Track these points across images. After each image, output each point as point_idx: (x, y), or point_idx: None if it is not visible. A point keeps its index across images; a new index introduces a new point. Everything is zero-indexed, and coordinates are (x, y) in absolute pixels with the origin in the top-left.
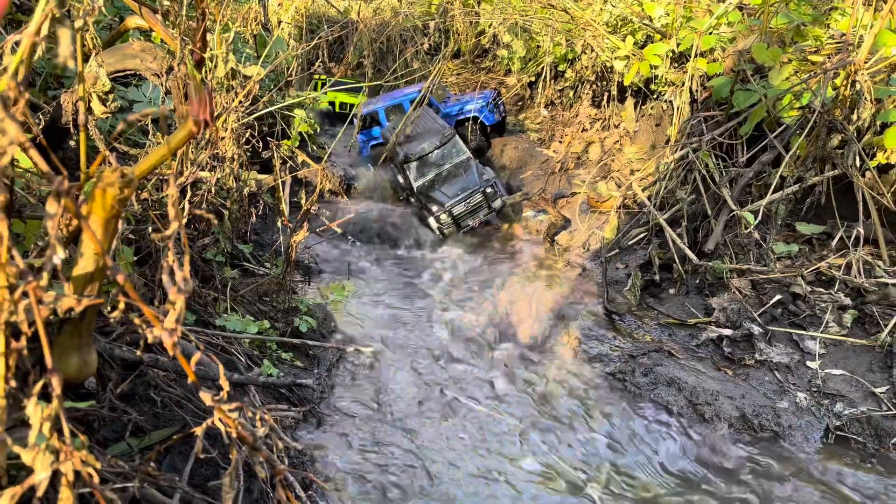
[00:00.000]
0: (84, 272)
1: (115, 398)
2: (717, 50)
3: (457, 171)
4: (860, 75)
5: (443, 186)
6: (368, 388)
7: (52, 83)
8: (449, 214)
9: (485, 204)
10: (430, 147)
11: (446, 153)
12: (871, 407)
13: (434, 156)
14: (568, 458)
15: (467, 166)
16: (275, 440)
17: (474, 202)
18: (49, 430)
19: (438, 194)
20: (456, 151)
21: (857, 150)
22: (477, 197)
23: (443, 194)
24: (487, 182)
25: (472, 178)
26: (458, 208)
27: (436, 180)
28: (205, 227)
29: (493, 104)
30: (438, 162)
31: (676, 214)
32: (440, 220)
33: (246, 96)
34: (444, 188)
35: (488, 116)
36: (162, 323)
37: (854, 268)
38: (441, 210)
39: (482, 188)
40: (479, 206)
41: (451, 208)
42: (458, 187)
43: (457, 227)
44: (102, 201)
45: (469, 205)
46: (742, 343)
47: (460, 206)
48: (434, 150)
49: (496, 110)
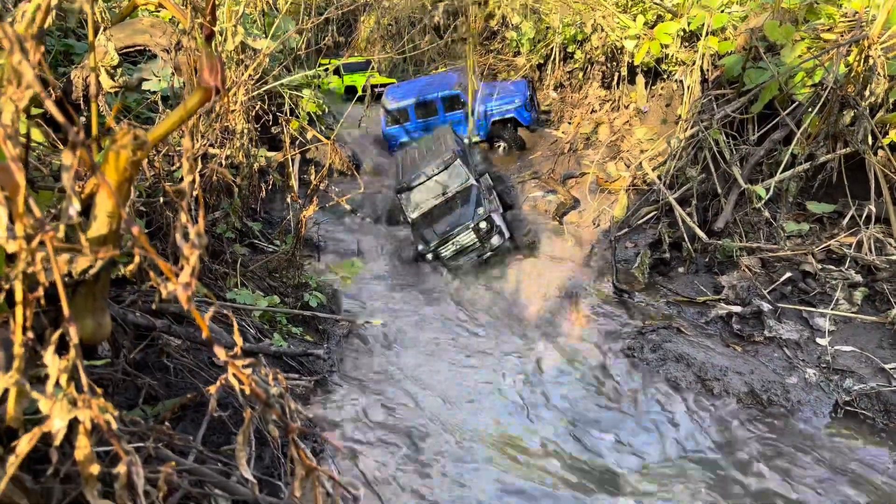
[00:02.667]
0: (98, 234)
1: (129, 365)
2: (728, 28)
3: (454, 201)
4: (873, 50)
5: (437, 220)
6: (377, 361)
7: (62, 61)
8: (434, 255)
9: (477, 243)
10: (428, 174)
11: (445, 180)
12: (881, 382)
13: (432, 184)
14: (577, 432)
15: (466, 196)
16: (287, 401)
17: (465, 241)
18: (66, 380)
19: (427, 230)
20: (456, 178)
21: (871, 127)
22: (466, 235)
23: (431, 230)
24: (481, 216)
25: (465, 211)
26: (446, 249)
27: (431, 212)
28: (215, 202)
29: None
30: (436, 191)
31: (686, 193)
32: (426, 259)
33: (255, 69)
34: (437, 223)
35: (526, 116)
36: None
37: (865, 245)
38: (427, 249)
39: (474, 223)
40: (471, 246)
41: (435, 248)
42: (448, 223)
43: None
44: (116, 164)
45: (457, 244)
46: (751, 320)
47: (448, 245)
48: (431, 177)
49: (532, 108)
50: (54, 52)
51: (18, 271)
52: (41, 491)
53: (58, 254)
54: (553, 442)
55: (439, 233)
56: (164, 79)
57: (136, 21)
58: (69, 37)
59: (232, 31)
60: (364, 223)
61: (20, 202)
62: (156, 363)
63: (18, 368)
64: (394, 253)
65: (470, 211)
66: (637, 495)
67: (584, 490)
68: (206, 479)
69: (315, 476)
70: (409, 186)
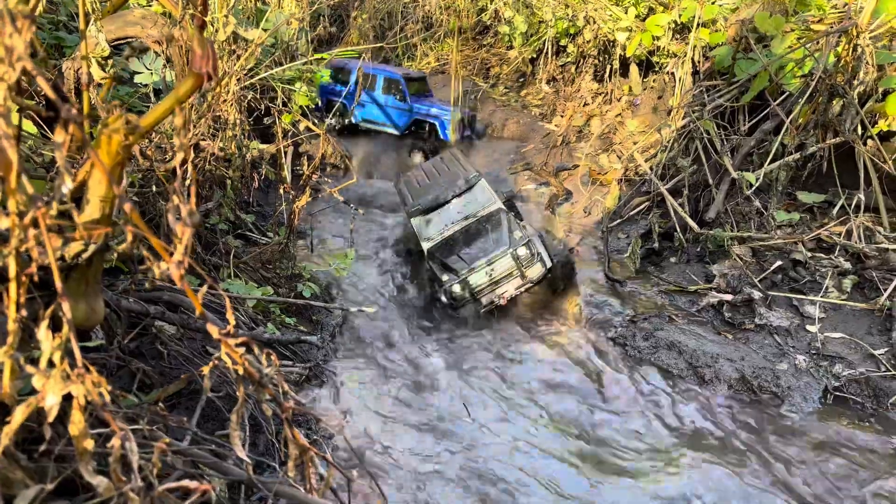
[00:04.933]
0: (90, 218)
1: (123, 351)
2: (719, 20)
3: (482, 227)
4: (861, 39)
5: (462, 248)
6: (371, 350)
7: (53, 54)
8: (464, 286)
9: (517, 272)
10: (447, 196)
11: (468, 203)
12: (870, 368)
13: (452, 207)
14: (570, 420)
15: (495, 221)
16: (280, 381)
17: (502, 269)
18: (60, 357)
19: (452, 258)
20: (482, 201)
21: (860, 117)
22: (505, 262)
23: (459, 259)
24: (521, 241)
25: (500, 236)
26: (478, 277)
27: (453, 240)
28: (208, 193)
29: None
30: (457, 215)
31: (678, 184)
32: (452, 293)
33: (247, 59)
34: (462, 250)
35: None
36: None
37: (855, 234)
38: (453, 280)
39: (513, 249)
40: (509, 274)
41: (466, 277)
42: (480, 249)
43: (476, 304)
44: (108, 148)
45: (493, 273)
46: (742, 308)
47: (480, 274)
48: (452, 199)
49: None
50: (45, 45)
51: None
52: (36, 469)
53: (50, 231)
54: (543, 426)
55: (470, 260)
56: (156, 71)
57: (126, 13)
58: (60, 30)
59: (223, 22)
60: (357, 213)
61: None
62: (150, 351)
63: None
64: (387, 242)
65: (504, 236)
66: (628, 477)
67: (576, 471)
68: (200, 461)
69: (308, 457)
70: (425, 209)
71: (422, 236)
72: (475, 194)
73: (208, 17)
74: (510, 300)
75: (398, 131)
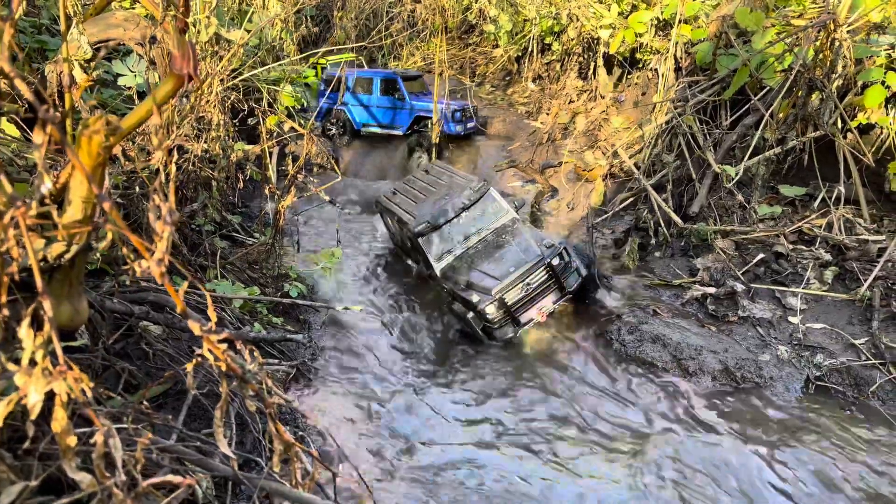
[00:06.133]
0: (72, 219)
1: (108, 352)
2: (700, 17)
3: (499, 240)
4: (839, 32)
5: (481, 264)
6: (357, 347)
7: (35, 57)
8: (499, 305)
9: (554, 284)
10: (455, 210)
11: (479, 216)
12: (851, 357)
13: (462, 221)
14: (555, 414)
15: (514, 231)
16: (264, 377)
17: (537, 282)
18: (42, 355)
19: (477, 276)
20: (494, 212)
21: (839, 111)
22: (540, 274)
23: (484, 275)
24: (555, 250)
25: (528, 246)
26: (514, 293)
27: (468, 257)
28: (193, 195)
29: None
30: (469, 229)
31: (662, 179)
32: (486, 314)
33: (230, 60)
34: (485, 266)
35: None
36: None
37: (835, 226)
38: (486, 299)
39: (547, 259)
40: (546, 287)
41: (501, 294)
42: (509, 262)
43: (514, 324)
44: (88, 148)
45: (530, 286)
46: (725, 301)
47: (516, 289)
48: (461, 212)
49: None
50: (28, 48)
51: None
52: (21, 467)
53: (31, 231)
54: (526, 420)
55: (499, 274)
56: (139, 74)
57: (109, 15)
58: (43, 33)
59: (205, 23)
60: (343, 212)
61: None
62: (135, 352)
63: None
64: (372, 239)
65: (530, 245)
66: (612, 464)
67: (563, 461)
68: (186, 457)
69: (294, 452)
70: (435, 226)
71: (432, 256)
72: (485, 205)
73: (190, 18)
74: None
75: (402, 131)
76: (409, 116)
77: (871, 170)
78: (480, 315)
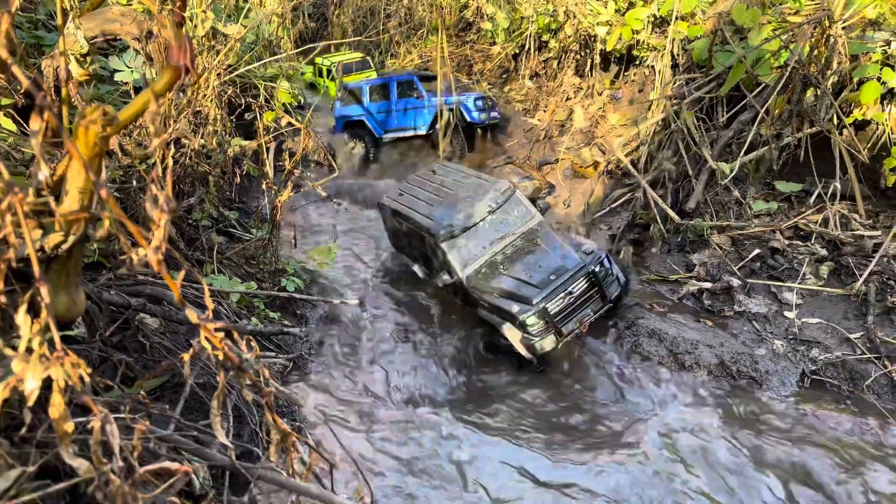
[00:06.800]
0: (69, 209)
1: (106, 343)
2: (697, 13)
3: (529, 245)
4: (834, 28)
5: (514, 271)
6: (354, 340)
7: (33, 53)
8: (542, 315)
9: (597, 292)
10: (480, 214)
11: (505, 220)
12: (846, 352)
13: (487, 226)
14: (548, 402)
15: (544, 236)
16: (261, 368)
17: (579, 291)
18: (38, 342)
19: (512, 283)
20: (521, 216)
21: (835, 107)
22: (582, 282)
23: (520, 283)
24: (595, 257)
25: (565, 252)
26: (557, 303)
27: (497, 264)
28: (190, 189)
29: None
30: (494, 235)
31: (659, 176)
32: (528, 326)
33: (226, 54)
34: (520, 273)
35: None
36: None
37: (831, 221)
38: (528, 310)
39: (588, 266)
40: (589, 296)
41: (543, 304)
42: (547, 269)
43: (557, 336)
44: (85, 138)
45: (572, 295)
46: (721, 296)
47: (558, 299)
48: (487, 216)
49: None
50: (24, 44)
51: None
52: (18, 454)
53: (28, 218)
54: (523, 412)
55: (538, 283)
56: (136, 69)
57: (105, 10)
58: (39, 29)
59: (202, 18)
60: (340, 207)
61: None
62: (133, 344)
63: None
64: (370, 234)
65: (567, 252)
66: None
67: (553, 448)
68: (183, 447)
69: (290, 442)
70: (455, 233)
71: (457, 263)
72: (512, 208)
73: (187, 12)
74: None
75: (426, 130)
76: (430, 114)
77: (866, 166)
78: (521, 326)
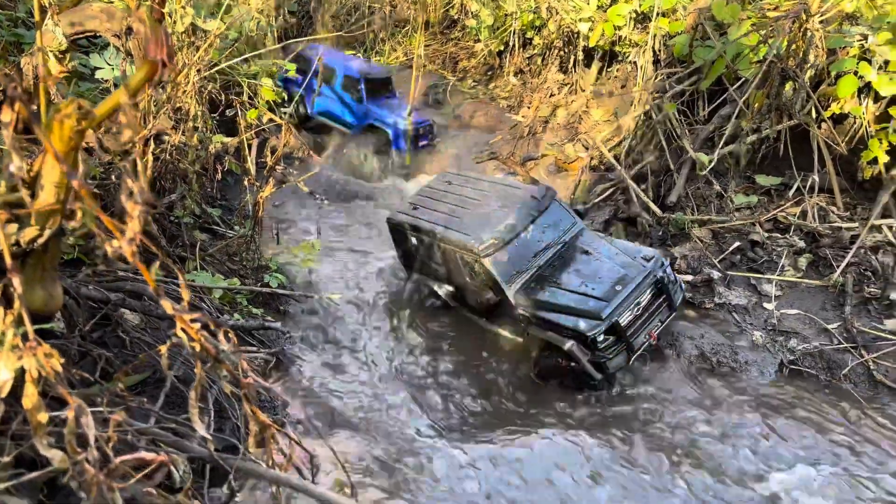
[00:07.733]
0: (45, 203)
1: (84, 339)
2: (678, 9)
3: (577, 254)
4: (811, 22)
5: (568, 283)
6: (337, 336)
7: (12, 51)
8: (612, 330)
9: (664, 300)
10: (521, 223)
11: (547, 228)
12: (824, 342)
13: (530, 236)
14: (533, 400)
15: (591, 243)
16: (240, 359)
17: (647, 300)
18: (12, 334)
19: (571, 298)
20: (564, 221)
21: (813, 101)
22: (648, 291)
23: (580, 296)
24: (658, 262)
25: (623, 259)
26: (626, 315)
27: (544, 277)
28: (171, 186)
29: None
30: (537, 245)
31: (641, 170)
32: (597, 343)
33: (206, 50)
34: (575, 285)
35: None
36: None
37: (809, 214)
38: (595, 326)
39: (653, 273)
40: (656, 306)
41: (612, 318)
42: (608, 280)
43: (629, 352)
44: (60, 133)
45: (640, 305)
46: (702, 288)
47: (627, 311)
48: (529, 226)
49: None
50: (3, 42)
51: None
52: None
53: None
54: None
55: (602, 296)
56: (117, 67)
57: (85, 7)
58: (19, 26)
59: (181, 13)
60: (324, 203)
61: None
62: (112, 340)
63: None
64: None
65: (630, 259)
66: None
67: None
68: (162, 439)
69: (270, 433)
70: (498, 246)
71: (502, 279)
72: (552, 215)
73: (167, 8)
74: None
75: (350, 130)
76: (361, 122)
77: (844, 159)
78: (591, 344)
